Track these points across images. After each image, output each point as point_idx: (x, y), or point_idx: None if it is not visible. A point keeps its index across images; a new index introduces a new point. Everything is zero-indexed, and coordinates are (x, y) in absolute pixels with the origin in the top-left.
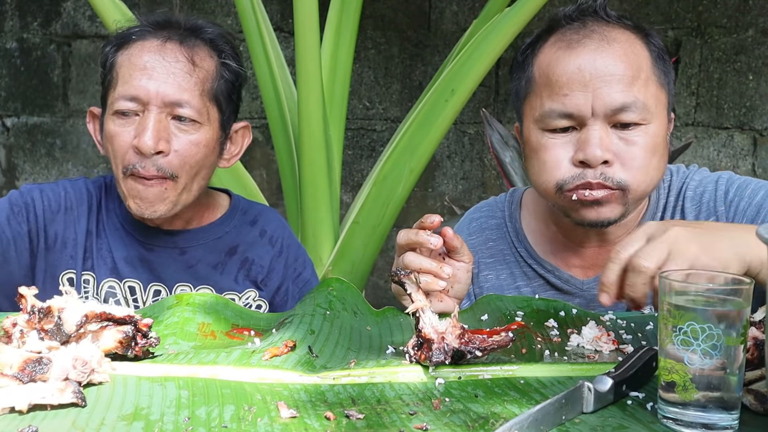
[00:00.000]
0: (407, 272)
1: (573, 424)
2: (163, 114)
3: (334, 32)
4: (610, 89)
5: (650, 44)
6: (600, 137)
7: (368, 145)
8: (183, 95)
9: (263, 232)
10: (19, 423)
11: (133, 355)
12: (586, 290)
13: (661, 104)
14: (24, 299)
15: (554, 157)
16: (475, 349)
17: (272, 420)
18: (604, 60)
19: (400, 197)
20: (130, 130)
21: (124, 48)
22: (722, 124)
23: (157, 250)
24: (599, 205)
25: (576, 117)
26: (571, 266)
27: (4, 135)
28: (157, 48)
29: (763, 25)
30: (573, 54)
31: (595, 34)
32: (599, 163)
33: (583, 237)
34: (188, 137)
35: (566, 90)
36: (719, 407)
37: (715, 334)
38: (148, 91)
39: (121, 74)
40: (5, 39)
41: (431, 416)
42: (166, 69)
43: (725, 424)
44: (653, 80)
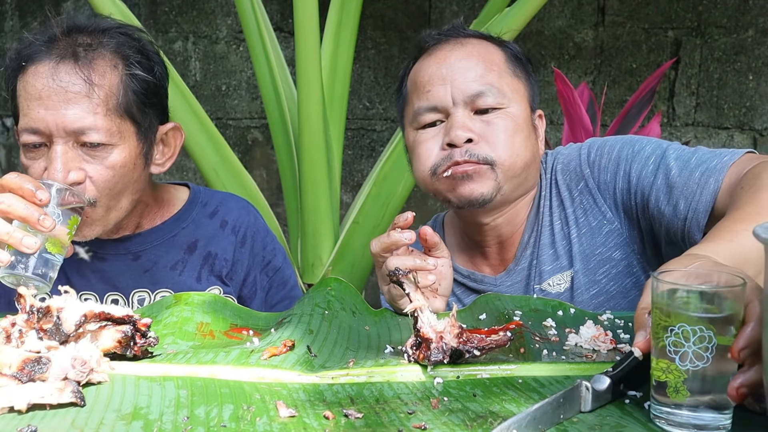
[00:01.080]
0: (405, 272)
1: (571, 423)
2: (69, 143)
3: (334, 32)
4: (465, 78)
5: (504, 47)
6: (462, 120)
7: (368, 145)
8: (85, 121)
9: (224, 223)
10: (19, 422)
11: (132, 355)
12: (500, 284)
13: (518, 93)
14: (23, 299)
15: (426, 148)
16: (473, 348)
17: (271, 419)
18: (458, 55)
19: (400, 197)
20: (41, 162)
21: (21, 73)
22: (722, 124)
23: (109, 259)
24: (470, 180)
25: (440, 109)
26: (483, 267)
27: (4, 135)
28: (50, 72)
29: (763, 25)
30: (432, 57)
31: (451, 40)
32: (463, 141)
33: (483, 238)
34: (102, 163)
35: (428, 87)
36: (711, 408)
37: (707, 336)
38: (47, 123)
39: (20, 105)
40: (5, 39)
41: (429, 415)
42: (61, 96)
43: (718, 424)
44: (507, 72)
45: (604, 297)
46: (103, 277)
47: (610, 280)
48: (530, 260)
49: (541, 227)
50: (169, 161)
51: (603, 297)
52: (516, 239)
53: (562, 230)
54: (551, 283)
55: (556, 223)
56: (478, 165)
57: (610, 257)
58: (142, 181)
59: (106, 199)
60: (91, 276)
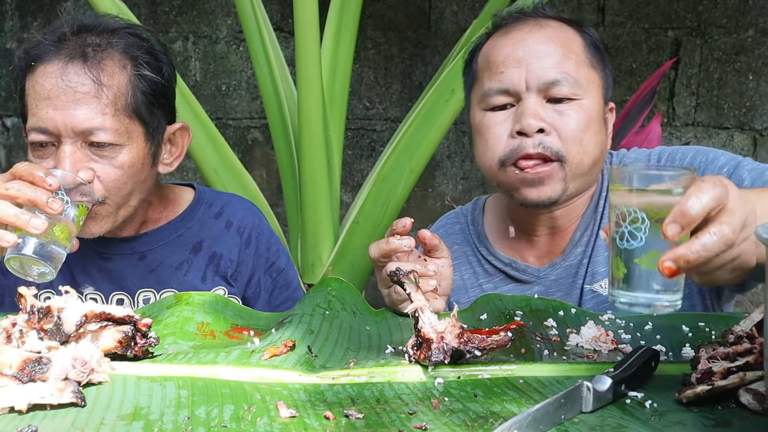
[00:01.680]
0: (406, 272)
1: (572, 423)
2: (77, 143)
3: (334, 32)
4: (542, 64)
5: (583, 33)
6: (534, 108)
7: (368, 145)
8: (94, 121)
9: (229, 224)
10: (19, 423)
11: (133, 355)
12: (543, 276)
13: (594, 84)
14: (23, 299)
15: (495, 134)
16: (474, 348)
17: (271, 420)
18: (536, 39)
19: (400, 197)
20: (49, 161)
21: (29, 72)
22: (722, 124)
23: (115, 259)
24: (540, 183)
25: (512, 92)
26: (527, 257)
27: (4, 135)
28: (59, 72)
29: (763, 25)
30: (508, 37)
31: (530, 21)
32: (535, 130)
33: (534, 226)
34: (109, 162)
35: (502, 68)
36: (652, 290)
37: (639, 217)
38: (56, 123)
39: (29, 104)
40: (5, 39)
41: (430, 416)
42: (70, 96)
43: (656, 302)
44: (585, 62)
45: None
46: (109, 276)
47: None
48: (580, 258)
49: (598, 228)
50: (176, 161)
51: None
52: (568, 233)
53: None
54: (603, 285)
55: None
56: (549, 166)
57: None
58: (149, 181)
59: (115, 197)
60: (96, 276)
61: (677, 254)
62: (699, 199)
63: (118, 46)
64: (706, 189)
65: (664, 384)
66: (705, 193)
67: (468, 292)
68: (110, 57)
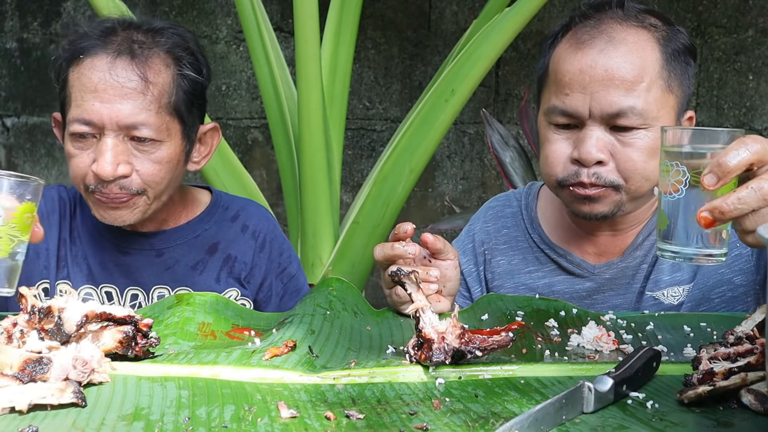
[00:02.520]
0: (407, 272)
1: (573, 424)
2: (120, 137)
3: (334, 32)
4: (608, 94)
5: (666, 45)
6: (596, 138)
7: (368, 145)
8: (138, 117)
9: (245, 227)
10: (19, 423)
11: (134, 355)
12: (598, 274)
13: (667, 108)
14: (24, 299)
15: (555, 153)
16: (475, 348)
17: (272, 420)
18: (606, 63)
19: (400, 197)
20: (89, 153)
21: (75, 64)
22: (722, 124)
23: (133, 254)
24: (592, 201)
25: (575, 116)
26: (584, 252)
27: (4, 135)
28: (107, 66)
29: (763, 25)
30: (579, 55)
31: (604, 35)
32: (592, 163)
33: (595, 226)
34: (149, 157)
35: (567, 90)
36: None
37: (681, 170)
38: (101, 116)
39: (73, 95)
40: (5, 39)
41: (431, 416)
42: (117, 90)
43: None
44: (659, 85)
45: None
46: (126, 271)
47: (723, 302)
48: (639, 262)
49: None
50: (204, 160)
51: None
52: (630, 235)
53: None
54: (666, 294)
55: None
56: (602, 189)
57: (731, 280)
58: (180, 178)
59: (151, 191)
60: (113, 269)
61: (713, 205)
62: (737, 152)
63: (164, 45)
64: (745, 143)
65: (666, 384)
66: (744, 147)
67: (513, 278)
68: (156, 55)
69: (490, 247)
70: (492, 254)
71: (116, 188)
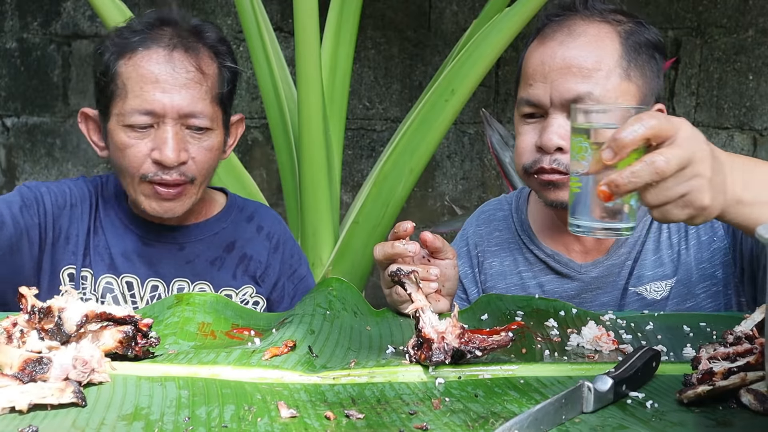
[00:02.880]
0: (407, 272)
1: (573, 423)
2: (178, 125)
3: (334, 32)
4: (566, 81)
5: (627, 37)
6: (557, 126)
7: (368, 145)
8: (197, 106)
9: (260, 228)
10: (20, 423)
11: (133, 355)
12: (584, 273)
13: (627, 96)
14: (24, 299)
15: (523, 143)
16: (475, 348)
17: (272, 420)
18: (564, 53)
19: (400, 197)
20: (146, 142)
21: (127, 57)
22: (722, 124)
23: (156, 245)
24: (555, 188)
25: (538, 105)
26: (571, 251)
27: (4, 135)
28: (165, 58)
29: (763, 25)
30: (541, 48)
31: (565, 29)
32: (553, 149)
33: None
34: (202, 144)
35: (531, 81)
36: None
37: (584, 147)
38: (163, 105)
39: (129, 86)
40: (5, 39)
41: (431, 416)
42: (177, 81)
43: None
44: (617, 73)
45: (697, 311)
46: (149, 261)
47: (708, 296)
48: (624, 258)
49: (645, 231)
50: (230, 149)
51: (696, 311)
52: None
53: (670, 239)
54: (648, 289)
55: (664, 230)
56: (563, 176)
57: (713, 274)
58: (216, 168)
59: (201, 178)
60: (136, 260)
61: (610, 179)
62: (633, 127)
63: (207, 40)
64: (642, 119)
65: (665, 384)
66: (639, 123)
67: (506, 279)
68: (203, 49)
69: (483, 250)
70: (484, 256)
71: (176, 174)
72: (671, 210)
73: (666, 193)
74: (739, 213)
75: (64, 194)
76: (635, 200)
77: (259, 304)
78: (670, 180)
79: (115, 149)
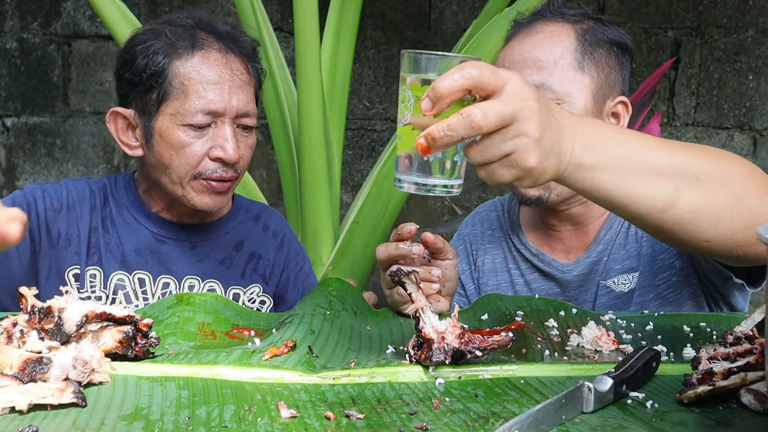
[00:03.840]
0: (407, 272)
1: (573, 423)
2: (234, 125)
3: (334, 32)
4: (522, 73)
5: (585, 33)
6: None
7: (368, 145)
8: (249, 106)
9: (266, 227)
10: (20, 423)
11: (133, 355)
12: (567, 272)
13: (580, 86)
14: (24, 299)
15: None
16: (475, 348)
17: (272, 420)
18: (522, 49)
19: (400, 197)
20: (205, 141)
21: (184, 58)
22: (722, 124)
23: (169, 243)
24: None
25: None
26: (554, 250)
27: (4, 135)
28: (223, 61)
29: (763, 25)
30: (504, 48)
31: (525, 29)
32: None
33: (557, 221)
34: (248, 142)
35: None
36: (414, 169)
37: (407, 95)
38: (225, 106)
39: (191, 87)
40: (5, 39)
41: (431, 416)
42: (235, 82)
43: (418, 182)
44: (570, 65)
45: (660, 301)
46: (161, 258)
47: (669, 286)
48: (600, 256)
49: (620, 227)
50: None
51: (659, 301)
52: (592, 229)
53: (637, 232)
54: (616, 282)
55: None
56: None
57: (672, 264)
58: None
59: (243, 174)
60: (148, 256)
61: (427, 131)
62: (452, 77)
63: (245, 45)
64: (462, 68)
65: (666, 384)
66: (459, 72)
67: (497, 276)
68: (242, 53)
69: (477, 247)
70: (478, 254)
71: (232, 171)
72: (496, 170)
73: (490, 150)
74: (579, 177)
75: (60, 196)
76: (460, 157)
77: (266, 304)
78: (495, 137)
79: (166, 148)
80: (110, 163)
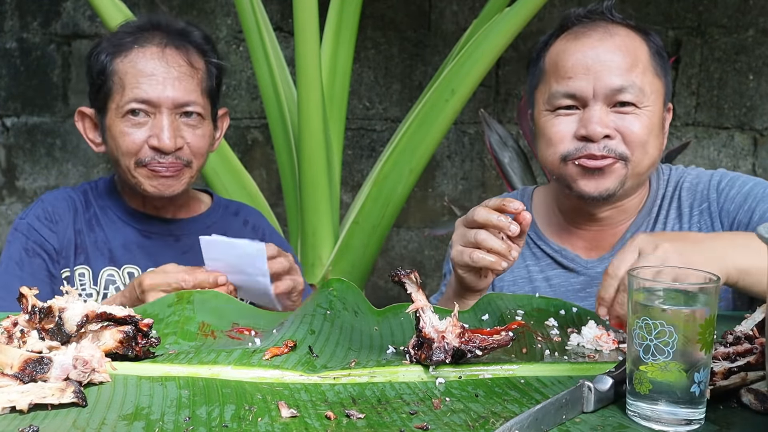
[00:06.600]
0: (407, 272)
1: (573, 423)
2: (173, 115)
3: (334, 32)
4: (611, 73)
5: (649, 42)
6: (600, 116)
7: (368, 145)
8: (189, 96)
9: (246, 222)
10: (20, 423)
11: (134, 355)
12: (590, 269)
13: (657, 92)
14: (25, 299)
15: (559, 133)
16: (475, 348)
17: (273, 419)
18: (606, 48)
19: (400, 197)
20: (144, 130)
21: (123, 55)
22: (722, 124)
23: (153, 237)
24: (600, 175)
25: (579, 98)
26: (576, 247)
27: (4, 135)
28: (159, 55)
29: (763, 25)
30: (579, 44)
31: (600, 28)
32: (600, 137)
33: (584, 221)
34: (196, 131)
35: (571, 74)
36: (673, 402)
37: (667, 332)
38: (158, 96)
39: (127, 81)
40: (5, 39)
41: (431, 416)
42: (171, 74)
43: (681, 418)
44: (650, 70)
45: None
46: (148, 252)
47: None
48: None
49: (646, 228)
50: (218, 142)
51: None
52: (620, 230)
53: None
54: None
55: (669, 227)
56: (614, 160)
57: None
58: (207, 158)
59: (196, 162)
60: (136, 250)
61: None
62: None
63: (195, 39)
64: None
65: None
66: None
67: (513, 272)
68: (192, 47)
69: None
70: None
71: (171, 158)
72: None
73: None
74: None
75: (48, 215)
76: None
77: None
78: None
79: (112, 140)
80: (110, 162)
